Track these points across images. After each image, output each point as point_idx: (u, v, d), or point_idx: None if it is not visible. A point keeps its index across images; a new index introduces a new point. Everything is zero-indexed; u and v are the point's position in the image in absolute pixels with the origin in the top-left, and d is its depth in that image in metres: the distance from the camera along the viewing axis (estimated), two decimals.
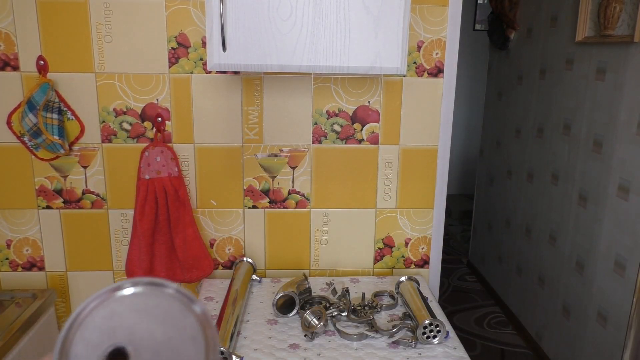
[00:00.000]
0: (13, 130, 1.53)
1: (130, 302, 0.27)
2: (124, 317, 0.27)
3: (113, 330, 0.26)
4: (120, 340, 0.26)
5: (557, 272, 2.43)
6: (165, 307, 0.28)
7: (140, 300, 0.27)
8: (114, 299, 0.27)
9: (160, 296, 0.28)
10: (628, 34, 1.91)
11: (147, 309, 0.27)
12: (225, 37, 1.16)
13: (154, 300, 0.28)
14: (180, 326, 0.27)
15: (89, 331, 0.26)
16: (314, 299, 1.45)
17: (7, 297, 1.50)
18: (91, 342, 0.26)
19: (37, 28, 1.47)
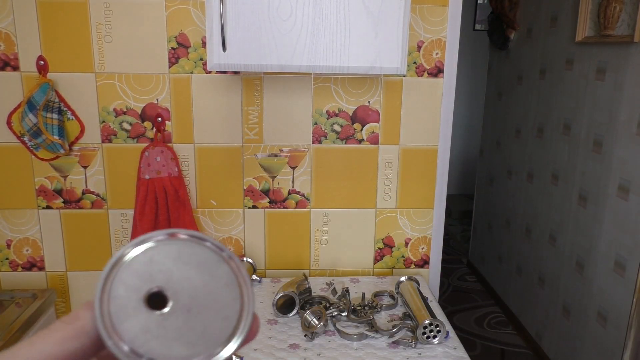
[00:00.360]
0: (13, 130, 1.53)
1: (168, 250, 0.28)
2: (161, 264, 0.28)
3: (151, 275, 0.27)
4: (158, 284, 0.27)
5: (557, 272, 2.43)
6: (201, 256, 0.29)
7: (176, 248, 0.28)
8: (152, 247, 0.28)
9: (196, 246, 0.29)
10: (628, 34, 1.91)
11: (183, 257, 0.28)
12: (225, 37, 1.16)
13: (190, 249, 0.29)
14: (214, 274, 0.29)
15: (128, 275, 0.27)
16: (314, 299, 1.45)
17: (7, 297, 1.50)
18: (131, 285, 0.27)
19: (37, 28, 1.47)
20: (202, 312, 0.28)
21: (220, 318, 0.28)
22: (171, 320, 0.27)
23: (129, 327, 0.27)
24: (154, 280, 0.28)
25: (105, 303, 0.27)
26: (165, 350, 0.27)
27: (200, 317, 0.28)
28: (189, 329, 0.27)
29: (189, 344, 0.27)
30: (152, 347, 0.27)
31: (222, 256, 0.29)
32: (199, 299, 0.28)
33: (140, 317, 0.27)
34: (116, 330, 0.26)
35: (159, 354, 0.27)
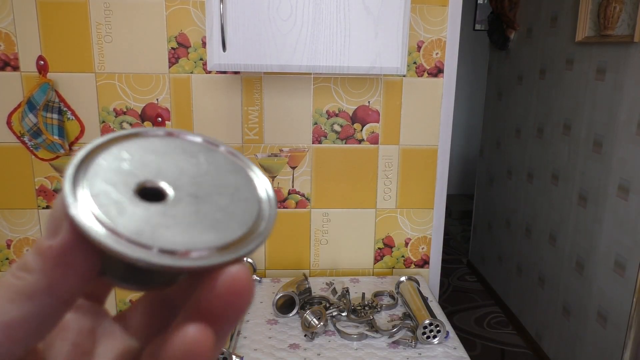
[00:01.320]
0: (13, 130, 1.53)
1: (141, 144, 0.23)
2: (142, 157, 0.22)
3: (134, 170, 0.22)
4: (149, 176, 0.22)
5: (557, 272, 2.43)
6: (185, 147, 0.24)
7: (151, 143, 0.23)
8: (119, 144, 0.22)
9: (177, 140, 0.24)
10: (628, 34, 1.91)
11: (165, 150, 0.23)
12: (225, 37, 1.16)
13: (172, 142, 0.24)
14: (211, 161, 0.24)
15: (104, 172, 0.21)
16: (314, 299, 1.45)
17: None
18: (112, 181, 0.21)
19: (37, 28, 1.47)
20: (213, 198, 0.22)
21: (239, 201, 0.23)
22: (178, 208, 0.21)
23: (127, 220, 0.20)
24: (141, 174, 0.22)
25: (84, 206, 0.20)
26: (187, 237, 0.20)
27: (214, 202, 0.22)
28: (204, 214, 0.22)
29: (212, 228, 0.21)
30: (166, 236, 0.20)
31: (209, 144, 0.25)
32: (204, 186, 0.23)
33: (137, 210, 0.20)
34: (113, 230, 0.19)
35: (180, 242, 0.20)
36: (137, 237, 0.19)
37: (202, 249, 0.20)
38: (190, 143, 0.24)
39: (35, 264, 0.19)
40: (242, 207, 0.23)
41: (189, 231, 0.21)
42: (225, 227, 0.21)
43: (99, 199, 0.20)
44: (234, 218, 0.22)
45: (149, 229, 0.20)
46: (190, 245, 0.20)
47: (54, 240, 0.19)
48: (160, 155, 0.23)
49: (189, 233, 0.20)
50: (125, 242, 0.19)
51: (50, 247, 0.19)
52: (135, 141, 0.23)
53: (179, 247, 0.20)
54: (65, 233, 0.19)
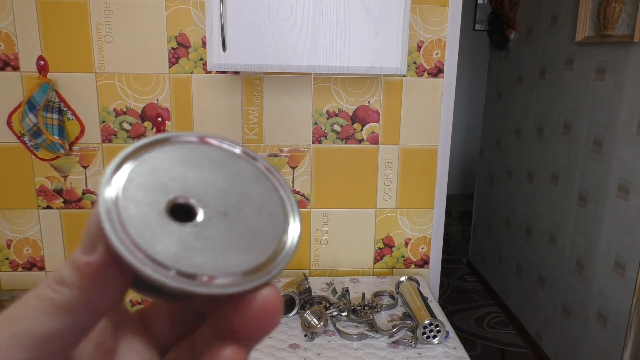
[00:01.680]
0: (13, 130, 1.53)
1: (167, 155, 0.22)
2: (169, 171, 0.22)
3: (163, 185, 0.22)
4: (178, 193, 0.22)
5: (557, 272, 2.43)
6: (209, 154, 0.23)
7: (176, 152, 0.23)
8: (149, 157, 0.22)
9: (198, 147, 0.23)
10: (628, 34, 1.91)
11: (190, 159, 0.23)
12: (225, 37, 1.16)
13: (192, 149, 0.23)
14: (234, 171, 0.24)
15: (133, 191, 0.21)
16: (314, 299, 1.45)
17: (7, 297, 1.50)
18: (142, 201, 0.21)
19: (37, 28, 1.47)
20: (241, 213, 0.23)
21: (265, 215, 0.23)
22: (210, 228, 0.22)
23: (163, 247, 0.20)
24: (169, 190, 0.22)
25: (119, 228, 0.20)
26: (219, 262, 0.21)
27: (242, 218, 0.22)
28: (235, 234, 0.22)
29: (243, 250, 0.22)
30: (202, 262, 0.21)
31: (233, 152, 0.24)
32: (231, 201, 0.23)
33: (172, 233, 0.21)
34: (148, 255, 0.20)
35: (214, 268, 0.21)
36: (175, 264, 0.20)
37: (234, 274, 0.21)
38: (214, 149, 0.24)
39: (73, 279, 0.20)
40: (269, 223, 0.23)
41: (221, 254, 0.21)
42: (254, 247, 0.22)
43: (134, 222, 0.20)
44: (262, 236, 0.22)
45: (185, 255, 0.20)
46: (223, 270, 0.21)
47: (92, 257, 0.20)
48: (187, 165, 0.23)
49: (221, 256, 0.21)
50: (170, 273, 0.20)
51: (89, 264, 0.20)
52: (162, 150, 0.23)
53: (214, 272, 0.20)
54: (103, 252, 0.20)
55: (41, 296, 0.20)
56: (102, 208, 0.20)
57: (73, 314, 0.20)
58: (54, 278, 0.20)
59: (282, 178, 0.25)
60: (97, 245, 0.20)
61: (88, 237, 0.20)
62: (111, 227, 0.20)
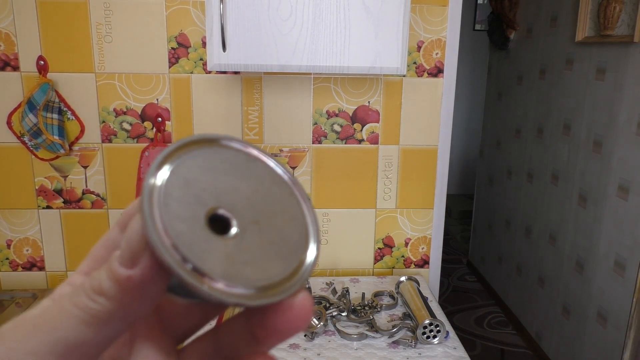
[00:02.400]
0: (13, 130, 1.53)
1: (195, 163, 0.23)
2: (199, 181, 0.23)
3: (197, 197, 0.22)
4: (212, 204, 0.22)
5: (557, 272, 2.43)
6: (231, 160, 0.24)
7: (202, 160, 0.23)
8: (177, 167, 0.23)
9: (219, 151, 0.24)
10: (628, 34, 1.91)
11: (216, 167, 0.24)
12: (225, 37, 1.16)
13: (216, 156, 0.24)
14: (255, 175, 0.24)
15: (175, 206, 0.22)
16: (313, 299, 1.45)
17: (7, 297, 1.50)
18: (186, 216, 0.21)
19: (37, 28, 1.47)
20: (269, 221, 0.23)
21: (289, 219, 0.24)
22: (248, 239, 0.22)
23: (214, 263, 0.21)
24: (205, 202, 0.22)
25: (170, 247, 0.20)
26: (262, 273, 0.22)
27: (272, 225, 0.23)
28: (270, 242, 0.23)
29: (279, 257, 0.23)
30: (248, 274, 0.21)
31: (249, 153, 0.25)
32: (258, 208, 0.23)
33: (218, 248, 0.22)
34: (203, 272, 0.20)
35: (258, 279, 0.22)
36: (228, 280, 0.21)
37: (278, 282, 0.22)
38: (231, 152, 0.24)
39: (112, 292, 0.20)
40: (294, 227, 0.24)
41: (262, 264, 0.22)
42: (288, 253, 0.23)
43: (183, 240, 0.21)
44: (292, 241, 0.23)
45: (234, 271, 0.21)
46: (268, 280, 0.22)
47: (133, 272, 0.20)
48: (213, 172, 0.23)
49: (263, 266, 0.22)
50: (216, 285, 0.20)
51: (130, 278, 0.20)
52: (187, 157, 0.23)
53: (261, 284, 0.22)
54: (146, 266, 0.20)
55: (79, 305, 0.20)
56: (150, 227, 0.20)
57: (109, 324, 0.20)
58: (92, 287, 0.20)
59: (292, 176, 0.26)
60: (139, 259, 0.20)
61: (129, 250, 0.20)
62: (164, 248, 0.20)
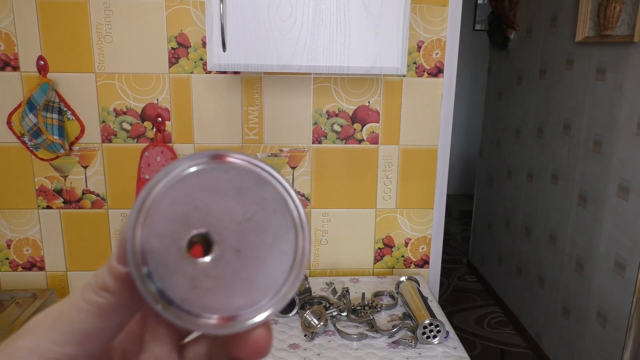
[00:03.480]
0: (13, 130, 1.53)
1: (198, 180, 0.23)
2: (194, 199, 0.23)
3: (186, 216, 0.22)
4: (197, 226, 0.22)
5: (557, 272, 2.43)
6: (237, 181, 0.23)
7: (207, 177, 0.23)
8: (175, 182, 0.23)
9: (228, 169, 0.23)
10: (628, 34, 1.91)
11: (218, 186, 0.23)
12: (225, 37, 1.16)
13: (223, 174, 0.23)
14: (258, 200, 0.24)
15: (158, 223, 0.22)
16: (314, 299, 1.45)
17: (7, 297, 1.50)
18: (165, 235, 0.22)
19: (37, 28, 1.47)
20: (253, 250, 0.23)
21: (275, 253, 0.23)
22: (221, 266, 0.23)
23: (175, 285, 0.22)
24: (191, 222, 0.22)
25: (140, 260, 0.22)
26: (222, 303, 0.22)
27: (253, 256, 0.23)
28: (243, 273, 0.23)
29: (247, 290, 0.23)
30: (207, 302, 0.22)
31: (262, 176, 0.24)
32: (246, 236, 0.23)
33: (186, 270, 0.22)
34: (162, 292, 0.22)
35: (216, 309, 0.22)
36: (184, 304, 0.22)
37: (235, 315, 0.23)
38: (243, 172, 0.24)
39: (114, 286, 0.23)
40: (277, 262, 0.23)
41: (225, 296, 0.23)
42: (257, 289, 0.23)
43: (154, 257, 0.22)
44: (268, 276, 0.23)
45: (194, 296, 0.22)
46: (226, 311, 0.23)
47: (127, 269, 0.23)
48: (213, 193, 0.23)
49: (225, 298, 0.23)
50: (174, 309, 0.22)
51: (128, 274, 0.23)
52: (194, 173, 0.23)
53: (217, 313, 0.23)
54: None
55: (88, 300, 0.23)
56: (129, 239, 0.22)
57: (115, 314, 0.23)
58: (97, 284, 0.23)
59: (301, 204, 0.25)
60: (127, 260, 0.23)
61: (122, 249, 0.23)
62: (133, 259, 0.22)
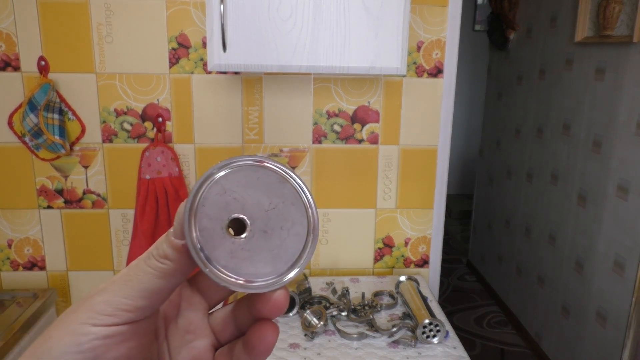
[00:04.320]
0: (14, 130, 1.53)
1: (235, 177, 0.31)
2: (234, 192, 0.30)
3: (227, 204, 0.30)
4: (235, 212, 0.30)
5: (556, 272, 2.44)
6: (265, 179, 0.31)
7: (242, 175, 0.31)
8: (222, 177, 0.30)
9: (259, 170, 0.31)
10: (627, 34, 1.91)
11: (250, 182, 0.31)
12: (225, 38, 1.16)
13: (254, 173, 0.31)
14: (280, 194, 0.31)
15: (209, 207, 0.30)
16: (314, 299, 1.45)
17: (8, 296, 1.51)
18: (213, 217, 0.30)
19: (38, 28, 1.47)
20: (276, 232, 0.31)
21: (293, 235, 0.31)
22: (252, 243, 0.30)
23: (220, 255, 0.29)
24: (231, 209, 0.30)
25: (195, 235, 0.29)
26: (252, 269, 0.30)
27: (275, 237, 0.31)
28: (268, 248, 0.30)
29: (271, 262, 0.30)
30: (241, 268, 0.30)
31: (283, 176, 0.31)
32: (271, 221, 0.31)
33: (227, 244, 0.30)
34: (210, 260, 0.29)
35: (247, 273, 0.30)
36: (225, 269, 0.30)
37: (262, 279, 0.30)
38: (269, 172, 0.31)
39: (173, 256, 0.30)
40: (294, 242, 0.31)
41: (255, 265, 0.30)
42: (280, 261, 0.31)
43: (204, 233, 0.29)
44: (286, 252, 0.31)
45: (233, 264, 0.30)
46: (256, 275, 0.30)
47: (183, 242, 0.29)
48: (247, 187, 0.31)
49: (255, 266, 0.30)
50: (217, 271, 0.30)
51: (184, 245, 0.29)
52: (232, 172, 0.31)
53: (249, 277, 0.30)
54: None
55: (152, 266, 0.30)
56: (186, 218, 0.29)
57: (173, 277, 0.30)
58: (159, 254, 0.30)
59: (312, 198, 0.32)
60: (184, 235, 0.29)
61: (178, 226, 0.29)
62: (189, 233, 0.29)
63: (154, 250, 0.30)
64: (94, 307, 0.29)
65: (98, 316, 0.29)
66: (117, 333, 0.29)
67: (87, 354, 0.28)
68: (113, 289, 0.30)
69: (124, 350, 0.29)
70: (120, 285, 0.30)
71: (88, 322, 0.28)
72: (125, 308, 0.29)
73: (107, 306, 0.29)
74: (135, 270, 0.30)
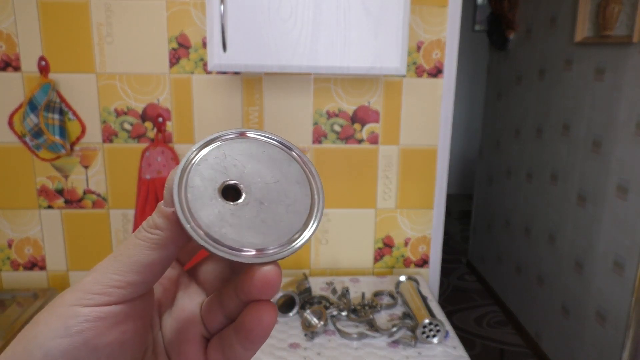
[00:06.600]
0: (14, 130, 1.53)
1: (239, 146, 0.30)
2: (234, 159, 0.29)
3: (225, 168, 0.29)
4: (232, 177, 0.29)
5: (556, 272, 2.44)
6: (271, 154, 0.30)
7: (247, 145, 0.30)
8: (225, 144, 0.30)
9: (266, 145, 0.30)
10: (627, 35, 1.91)
11: (255, 154, 0.30)
12: (225, 38, 1.17)
13: (261, 147, 0.30)
14: (285, 171, 0.30)
15: (204, 167, 0.29)
16: (314, 299, 1.45)
17: (8, 296, 1.51)
18: (206, 177, 0.28)
19: (39, 28, 1.47)
20: (273, 206, 0.29)
21: (291, 212, 0.29)
22: (244, 211, 0.29)
23: (205, 214, 0.28)
24: (228, 174, 0.29)
25: (183, 192, 0.28)
26: (238, 237, 0.28)
27: (272, 210, 0.29)
28: (261, 220, 0.29)
29: (261, 234, 0.28)
30: (226, 233, 0.28)
31: (291, 155, 0.30)
32: (270, 193, 0.29)
33: (216, 206, 0.28)
34: (194, 217, 0.27)
35: (232, 239, 0.28)
36: (208, 229, 0.27)
37: (249, 249, 0.28)
38: (277, 149, 0.30)
39: (163, 225, 0.28)
40: (291, 220, 0.29)
41: (242, 233, 0.28)
42: (270, 234, 0.28)
43: (193, 191, 0.28)
44: (280, 228, 0.29)
45: (218, 225, 0.28)
46: (240, 243, 0.28)
47: (173, 209, 0.28)
48: (251, 158, 0.30)
49: (241, 234, 0.28)
50: (201, 233, 0.27)
51: (174, 213, 0.28)
52: (238, 141, 0.30)
53: (232, 244, 0.27)
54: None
55: (143, 237, 0.28)
56: (177, 173, 0.28)
57: (165, 248, 0.28)
58: (148, 224, 0.28)
59: (321, 185, 0.31)
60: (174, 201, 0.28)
61: (168, 194, 0.28)
62: (177, 191, 0.27)
63: (144, 223, 0.29)
64: (83, 287, 0.27)
65: (87, 295, 0.27)
66: (109, 314, 0.27)
67: (76, 338, 0.26)
68: (102, 267, 0.28)
69: (117, 334, 0.27)
70: (109, 262, 0.28)
71: (77, 303, 0.26)
72: (115, 284, 0.27)
73: (96, 284, 0.27)
74: (125, 245, 0.28)
